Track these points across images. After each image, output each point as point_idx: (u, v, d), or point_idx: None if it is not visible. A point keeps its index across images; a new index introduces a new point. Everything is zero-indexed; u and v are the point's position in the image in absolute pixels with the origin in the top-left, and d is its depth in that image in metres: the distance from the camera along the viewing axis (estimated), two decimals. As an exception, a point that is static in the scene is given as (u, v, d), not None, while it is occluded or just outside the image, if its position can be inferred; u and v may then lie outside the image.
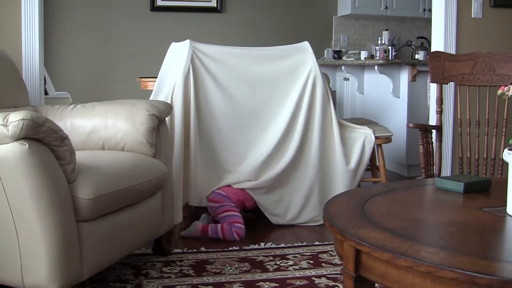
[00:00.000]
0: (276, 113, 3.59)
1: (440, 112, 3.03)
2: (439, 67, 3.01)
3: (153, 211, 2.64)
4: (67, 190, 2.08)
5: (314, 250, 3.03)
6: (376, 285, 1.69)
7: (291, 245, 3.11)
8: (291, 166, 3.52)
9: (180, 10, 6.30)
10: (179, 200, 3.28)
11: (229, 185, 3.43)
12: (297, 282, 2.56)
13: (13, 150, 1.93)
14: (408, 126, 2.94)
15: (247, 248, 3.05)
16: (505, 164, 2.68)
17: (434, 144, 2.98)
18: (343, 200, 1.81)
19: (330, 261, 2.86)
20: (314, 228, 3.47)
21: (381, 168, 3.81)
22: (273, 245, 3.10)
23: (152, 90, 3.65)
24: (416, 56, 6.06)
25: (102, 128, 2.75)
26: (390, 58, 6.01)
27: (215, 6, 6.36)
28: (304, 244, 3.13)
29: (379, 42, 6.32)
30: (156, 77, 3.67)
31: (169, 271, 2.68)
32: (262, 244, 3.10)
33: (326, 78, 4.78)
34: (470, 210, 1.76)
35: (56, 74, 5.90)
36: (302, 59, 3.63)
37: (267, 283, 2.55)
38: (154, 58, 5.21)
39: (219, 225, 3.21)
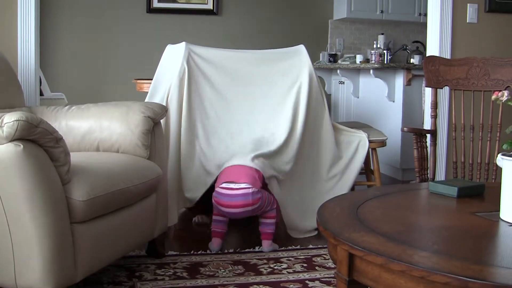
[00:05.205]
0: (271, 116, 3.59)
1: (434, 116, 3.04)
2: (434, 72, 3.02)
3: (147, 213, 2.64)
4: (62, 191, 2.07)
5: (308, 253, 3.03)
6: (370, 289, 1.70)
7: (285, 248, 3.11)
8: (293, 169, 3.50)
9: (176, 12, 6.30)
10: (174, 202, 3.28)
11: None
12: (291, 285, 2.56)
13: (8, 151, 1.93)
14: (402, 130, 2.95)
15: (241, 251, 3.05)
16: (499, 169, 2.69)
17: (428, 148, 2.99)
18: (337, 204, 1.82)
19: (324, 264, 2.86)
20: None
21: (376, 172, 3.82)
22: (267, 248, 3.10)
23: (147, 92, 3.65)
24: (411, 60, 6.07)
25: (97, 130, 2.75)
26: (385, 62, 6.02)
27: (211, 8, 6.37)
28: (298, 247, 3.13)
29: (375, 46, 6.34)
30: (152, 79, 3.66)
31: (163, 273, 2.68)
32: (256, 247, 3.10)
33: (321, 82, 4.79)
34: (463, 214, 1.76)
35: (51, 75, 5.89)
36: (297, 62, 3.63)
37: (261, 286, 2.54)
38: (150, 60, 5.21)
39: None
